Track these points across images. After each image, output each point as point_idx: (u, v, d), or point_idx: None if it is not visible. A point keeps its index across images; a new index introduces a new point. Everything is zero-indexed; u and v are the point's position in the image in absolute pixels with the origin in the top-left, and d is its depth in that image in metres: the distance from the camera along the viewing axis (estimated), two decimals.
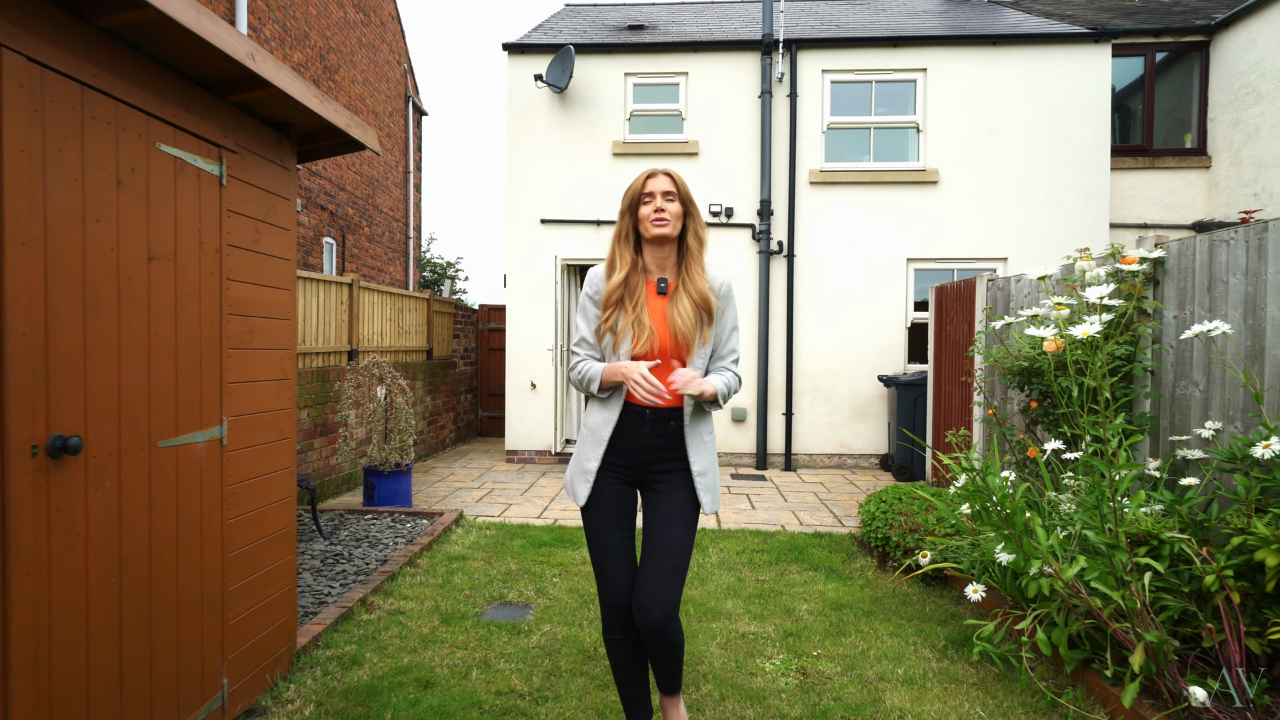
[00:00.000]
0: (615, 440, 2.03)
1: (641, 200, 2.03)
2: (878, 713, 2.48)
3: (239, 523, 2.43)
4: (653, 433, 2.01)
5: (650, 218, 2.00)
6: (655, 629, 1.93)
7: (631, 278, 2.04)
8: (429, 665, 2.81)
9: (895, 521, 4.10)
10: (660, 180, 2.03)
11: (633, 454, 2.02)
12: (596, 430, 2.04)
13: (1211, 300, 3.28)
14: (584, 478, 2.04)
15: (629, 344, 1.98)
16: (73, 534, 1.73)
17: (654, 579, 1.94)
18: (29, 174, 1.60)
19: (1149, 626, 2.36)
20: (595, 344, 2.07)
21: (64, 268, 1.70)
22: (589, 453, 2.04)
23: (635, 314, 1.99)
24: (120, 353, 1.88)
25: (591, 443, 2.04)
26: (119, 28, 1.84)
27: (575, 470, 2.08)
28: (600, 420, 2.04)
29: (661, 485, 2.04)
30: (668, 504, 2.02)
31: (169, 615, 2.08)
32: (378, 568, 3.92)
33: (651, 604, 1.92)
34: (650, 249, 2.07)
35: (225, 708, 2.34)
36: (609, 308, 2.03)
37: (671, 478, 2.03)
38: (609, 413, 2.02)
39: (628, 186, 2.08)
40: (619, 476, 2.05)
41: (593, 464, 2.02)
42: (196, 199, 2.18)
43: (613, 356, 2.02)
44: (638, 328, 1.98)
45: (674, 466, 2.03)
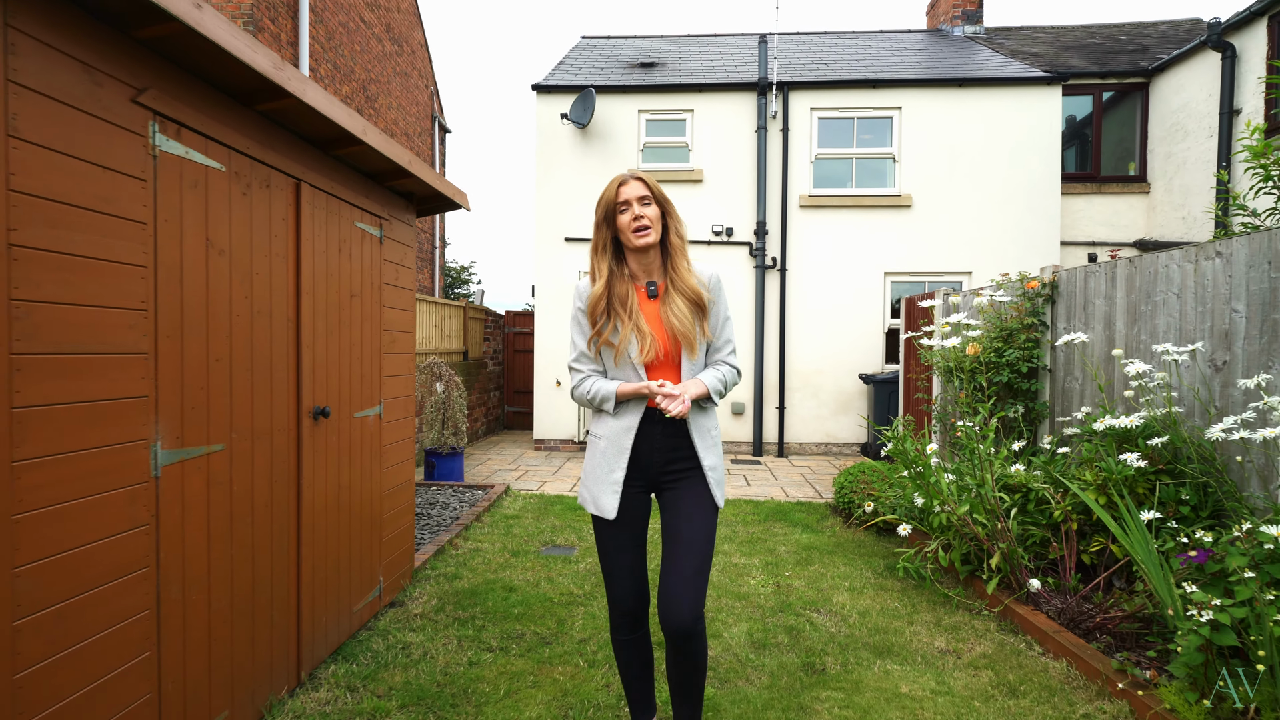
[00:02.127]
0: (636, 447, 2.00)
1: (617, 209, 1.99)
2: (826, 604, 3.59)
3: (388, 470, 3.56)
4: (664, 434, 2.00)
5: (632, 228, 1.96)
6: (683, 627, 1.88)
7: (619, 286, 2.02)
8: (509, 579, 3.93)
9: (858, 488, 5.21)
10: (633, 186, 1.99)
11: (647, 458, 2.01)
12: (616, 439, 2.00)
13: (1086, 316, 4.38)
14: (611, 489, 1.98)
15: (635, 352, 1.96)
16: (325, 464, 2.86)
17: (679, 576, 1.90)
18: (309, 253, 2.73)
19: (1007, 541, 3.47)
20: (594, 357, 2.04)
21: (321, 306, 2.83)
22: (611, 462, 2.00)
23: (633, 322, 1.97)
24: (340, 358, 3.01)
25: (613, 452, 2.00)
26: (344, 155, 2.97)
27: (597, 481, 2.03)
28: (620, 429, 2.00)
29: (678, 484, 2.02)
30: (687, 502, 1.99)
31: (358, 525, 3.20)
32: (453, 522, 5.05)
33: (679, 600, 1.88)
34: (634, 256, 2.03)
35: (381, 596, 3.47)
36: (597, 319, 2.00)
37: (686, 476, 2.02)
38: (628, 420, 1.99)
39: (599, 196, 2.03)
40: (637, 484, 2.03)
41: (619, 473, 1.98)
42: (369, 254, 3.31)
43: (615, 369, 2.01)
44: (639, 336, 1.96)
45: (687, 465, 2.02)
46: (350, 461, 3.12)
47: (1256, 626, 2.22)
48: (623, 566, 2.01)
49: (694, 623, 1.89)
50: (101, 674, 1.75)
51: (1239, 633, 2.30)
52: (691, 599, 1.88)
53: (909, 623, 3.34)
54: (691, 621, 1.88)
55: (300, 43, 8.72)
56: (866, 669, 2.86)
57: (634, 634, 2.06)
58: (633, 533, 2.03)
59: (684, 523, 1.96)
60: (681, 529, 1.95)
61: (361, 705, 2.53)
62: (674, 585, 1.89)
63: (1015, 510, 3.66)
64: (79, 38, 1.66)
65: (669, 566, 1.93)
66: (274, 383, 2.51)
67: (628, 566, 2.02)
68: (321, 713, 2.48)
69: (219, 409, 2.20)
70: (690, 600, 1.88)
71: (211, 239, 2.15)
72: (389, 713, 2.49)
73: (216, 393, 2.18)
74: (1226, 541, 2.55)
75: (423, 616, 3.38)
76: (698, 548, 1.93)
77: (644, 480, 2.03)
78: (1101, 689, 2.65)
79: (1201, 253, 3.50)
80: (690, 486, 2.01)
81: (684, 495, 2.00)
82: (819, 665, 2.89)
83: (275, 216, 2.51)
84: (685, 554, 1.91)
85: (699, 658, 1.97)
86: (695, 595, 1.89)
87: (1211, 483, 3.15)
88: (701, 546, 1.93)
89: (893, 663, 2.92)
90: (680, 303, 1.98)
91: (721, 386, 2.03)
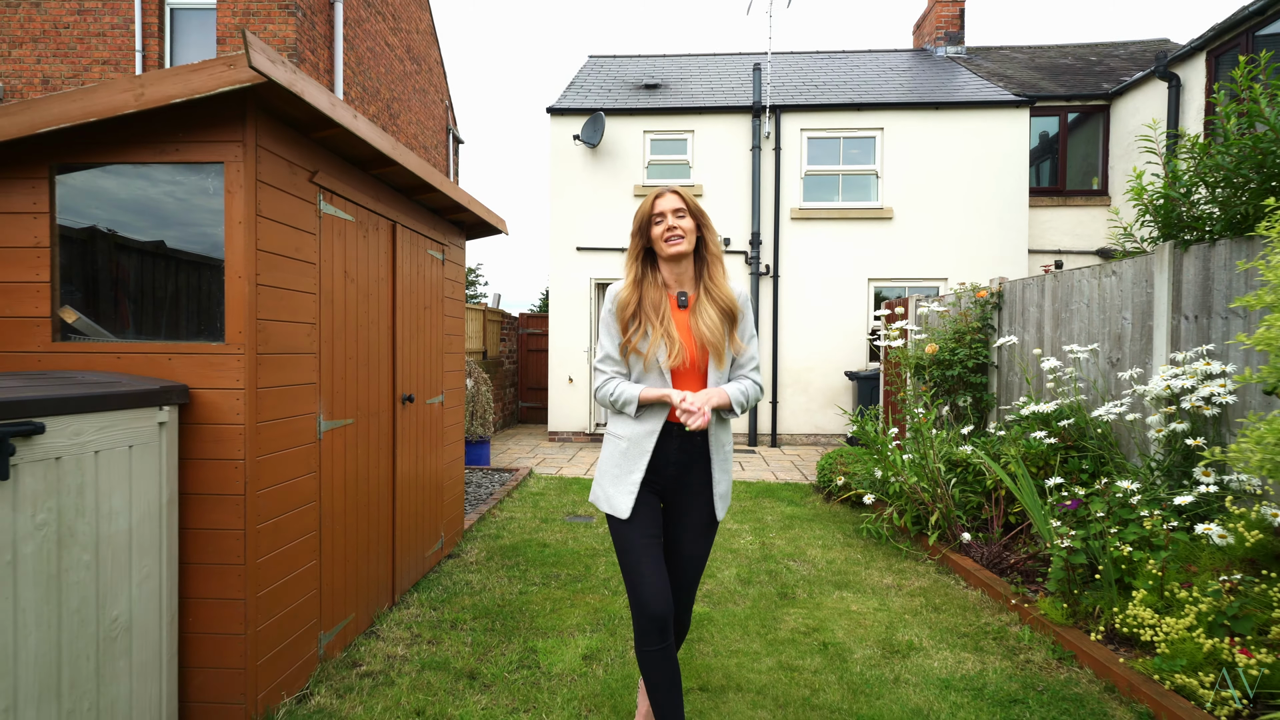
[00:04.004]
0: (656, 451, 2.03)
1: (652, 221, 2.04)
2: (801, 556, 4.43)
3: (446, 448, 4.40)
4: (681, 445, 2.04)
5: (664, 237, 2.01)
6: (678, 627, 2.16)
7: (651, 293, 2.05)
8: (541, 538, 4.77)
9: (835, 468, 6.04)
10: (669, 199, 2.04)
11: (664, 467, 2.04)
12: (638, 441, 2.02)
13: (1024, 321, 5.22)
14: (628, 489, 2.01)
15: (664, 357, 1.98)
16: (409, 439, 3.70)
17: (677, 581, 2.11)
18: (401, 275, 3.57)
19: (945, 503, 4.31)
20: (620, 360, 2.06)
21: (406, 317, 3.67)
22: (631, 464, 2.01)
23: (664, 328, 2.00)
24: (417, 357, 3.85)
25: (634, 454, 2.02)
26: (421, 199, 3.81)
27: (614, 481, 2.05)
28: (643, 431, 2.02)
29: (687, 498, 2.07)
30: (694, 519, 2.09)
31: (427, 489, 4.05)
32: (488, 497, 5.89)
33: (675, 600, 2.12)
34: (667, 265, 2.07)
35: (442, 549, 4.31)
36: (628, 324, 2.03)
37: (698, 495, 2.08)
38: (650, 424, 2.01)
39: (637, 208, 2.09)
40: (652, 488, 2.05)
41: (638, 475, 2.00)
42: (435, 274, 4.15)
43: (642, 374, 2.03)
44: (669, 341, 1.98)
45: (699, 476, 2.07)
46: (423, 438, 3.97)
47: (1102, 552, 3.06)
48: (646, 567, 1.97)
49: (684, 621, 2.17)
50: (293, 570, 2.59)
51: (1091, 556, 3.14)
52: (685, 604, 2.14)
53: (865, 567, 4.18)
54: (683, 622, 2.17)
55: (335, 70, 9.56)
56: (826, 596, 3.71)
57: (662, 643, 1.96)
58: (653, 533, 2.02)
59: (688, 538, 2.09)
60: (685, 545, 2.09)
61: (444, 617, 3.37)
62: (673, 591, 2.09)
63: (955, 480, 4.50)
64: (285, 143, 2.50)
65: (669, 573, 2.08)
66: (380, 375, 3.35)
67: (651, 567, 1.97)
68: (416, 621, 3.33)
69: (350, 393, 3.04)
70: (684, 605, 2.14)
71: (346, 271, 2.99)
72: (465, 622, 3.33)
73: (349, 382, 3.03)
74: (1093, 493, 3.39)
75: (476, 563, 4.23)
76: (697, 562, 2.11)
77: (658, 486, 2.06)
78: (1002, 606, 3.49)
79: (1103, 271, 4.34)
80: (696, 501, 2.08)
81: (691, 512, 2.08)
82: (790, 594, 3.74)
83: (380, 250, 3.36)
84: (687, 566, 2.10)
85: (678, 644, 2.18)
86: (688, 599, 2.14)
87: (1105, 454, 3.98)
88: (700, 561, 2.11)
89: (848, 593, 3.76)
90: (712, 313, 2.02)
91: (744, 399, 2.04)
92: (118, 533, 2.01)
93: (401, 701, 2.57)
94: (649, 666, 1.98)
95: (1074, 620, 3.12)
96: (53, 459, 1.79)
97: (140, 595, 2.09)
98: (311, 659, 2.73)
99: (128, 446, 2.03)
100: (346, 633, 3.02)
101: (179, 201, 2.36)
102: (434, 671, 2.81)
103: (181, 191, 2.35)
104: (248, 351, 2.30)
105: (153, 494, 2.14)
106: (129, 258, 2.42)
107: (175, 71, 2.12)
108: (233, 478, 2.30)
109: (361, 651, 2.99)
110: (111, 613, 1.99)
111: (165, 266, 2.41)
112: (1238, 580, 2.67)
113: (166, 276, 2.41)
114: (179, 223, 2.37)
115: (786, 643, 3.12)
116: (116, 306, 2.42)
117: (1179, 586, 2.78)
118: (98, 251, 2.40)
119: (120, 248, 2.41)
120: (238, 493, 2.31)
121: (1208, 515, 3.12)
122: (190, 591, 2.31)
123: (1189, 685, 2.45)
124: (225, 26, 8.69)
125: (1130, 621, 2.81)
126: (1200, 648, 2.52)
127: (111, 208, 2.38)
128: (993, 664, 2.90)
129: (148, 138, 2.30)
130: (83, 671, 1.89)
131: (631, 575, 1.99)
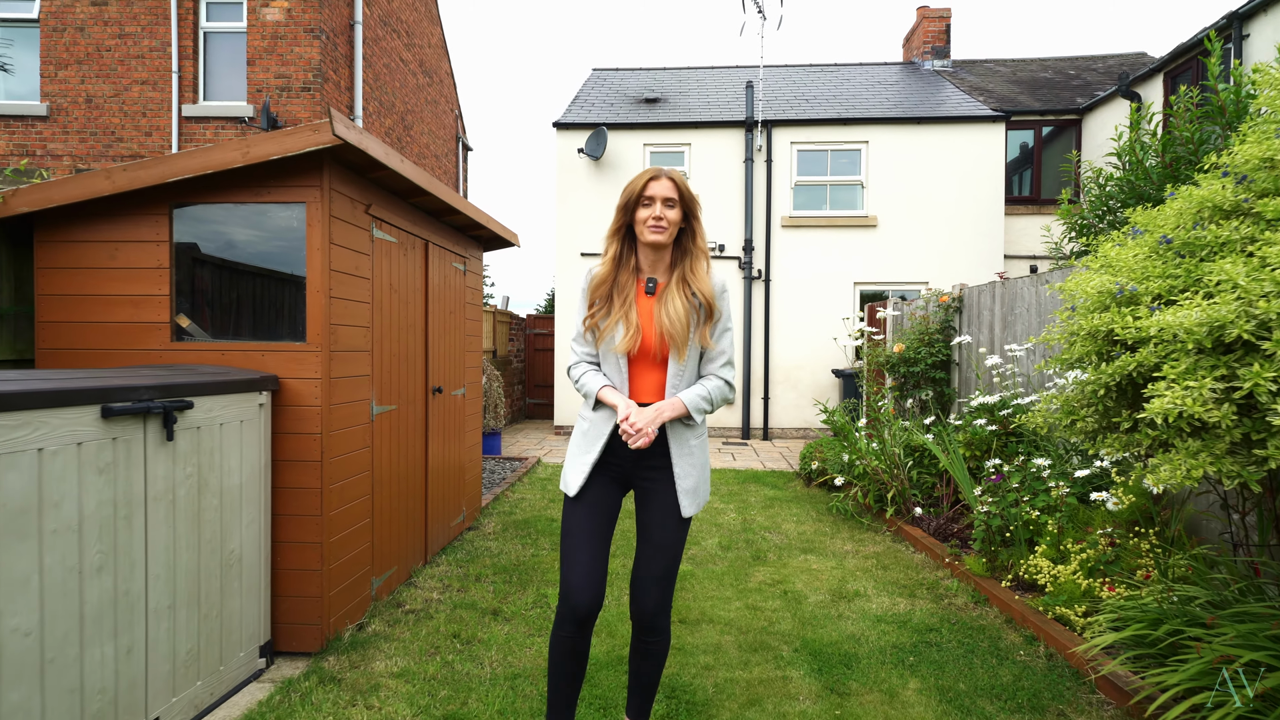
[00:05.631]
0: (613, 437, 2.01)
1: (641, 202, 1.98)
2: (776, 529, 5.06)
3: (467, 434, 5.05)
4: None
5: (647, 223, 1.96)
6: (646, 618, 2.00)
7: (621, 275, 2.03)
8: (550, 515, 5.42)
9: (815, 456, 6.68)
10: (662, 184, 1.97)
11: (621, 452, 2.02)
12: (598, 424, 2.02)
13: (980, 323, 5.85)
14: (579, 469, 2.01)
15: (620, 338, 1.96)
16: (438, 424, 4.36)
17: (648, 575, 1.99)
18: (432, 285, 4.23)
19: (900, 482, 4.95)
20: (585, 339, 2.07)
21: (436, 321, 4.32)
22: (589, 444, 2.02)
23: (624, 311, 1.98)
24: (444, 355, 4.50)
25: (593, 435, 2.02)
26: (448, 219, 4.46)
27: (571, 459, 2.06)
28: (604, 414, 2.01)
29: (653, 487, 2.03)
30: (659, 508, 2.02)
31: (452, 468, 4.70)
32: (500, 482, 6.55)
33: (646, 595, 1.98)
34: (644, 249, 2.03)
35: (464, 521, 4.96)
36: (595, 301, 2.03)
37: (660, 480, 2.02)
38: (607, 411, 2.01)
39: (628, 184, 2.02)
40: (610, 474, 2.04)
41: (591, 455, 2.00)
42: (458, 283, 4.80)
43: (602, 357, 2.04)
44: (625, 324, 1.96)
45: (660, 465, 2.02)
46: (449, 424, 4.62)
47: (1015, 517, 3.69)
48: (579, 552, 1.97)
49: (656, 616, 2.00)
50: (353, 524, 3.25)
51: (1007, 520, 3.77)
52: (657, 596, 1.99)
53: (830, 537, 4.82)
54: (654, 614, 2.00)
55: (355, 87, 10.23)
56: (793, 558, 4.34)
57: (575, 632, 1.97)
58: (595, 522, 2.00)
59: (656, 529, 2.01)
60: (654, 534, 2.01)
61: (469, 573, 4.02)
62: (643, 581, 2.00)
63: (913, 464, 5.14)
64: (349, 184, 3.15)
65: (639, 562, 2.02)
66: (415, 369, 4.00)
67: (585, 556, 1.97)
68: (446, 575, 3.98)
69: (393, 384, 3.69)
70: (655, 592, 1.99)
71: (391, 284, 3.65)
72: (487, 576, 3.98)
73: (393, 374, 3.68)
74: (1014, 469, 4.03)
75: (493, 534, 4.88)
76: (666, 552, 2.00)
77: (617, 471, 2.04)
78: (939, 565, 4.12)
79: (1039, 279, 4.97)
80: (662, 494, 2.01)
81: (656, 500, 2.02)
82: (762, 557, 4.38)
83: (416, 265, 4.01)
84: (655, 556, 2.00)
85: (657, 656, 2.07)
86: (660, 594, 2.00)
87: (1034, 438, 4.61)
88: (669, 551, 2.00)
89: (811, 556, 4.40)
90: (679, 303, 1.95)
91: (705, 405, 2.00)
92: (233, 486, 2.66)
93: (440, 629, 3.22)
94: (556, 650, 1.99)
95: (992, 573, 3.75)
96: (195, 428, 2.45)
97: (247, 536, 2.75)
98: (366, 598, 3.39)
99: (240, 421, 2.69)
100: (391, 581, 3.68)
101: (269, 231, 3.01)
102: (465, 610, 3.46)
103: (271, 224, 3.01)
104: (324, 349, 2.95)
105: (255, 458, 2.79)
106: (229, 275, 3.08)
107: (273, 136, 2.77)
108: (312, 448, 2.96)
109: (403, 596, 3.64)
110: (229, 546, 2.64)
111: (257, 282, 3.07)
112: (1115, 535, 3.30)
113: (258, 290, 3.07)
114: (268, 248, 3.02)
115: (754, 591, 3.76)
116: (219, 313, 3.08)
117: (1072, 542, 3.41)
118: (205, 270, 3.06)
119: (223, 267, 3.07)
120: (316, 459, 2.96)
121: (1106, 486, 3.75)
122: (279, 536, 2.97)
123: (1066, 614, 3.09)
124: (254, 49, 9.36)
125: (1031, 570, 3.45)
126: (1079, 587, 3.15)
127: (216, 236, 3.04)
128: (921, 606, 3.54)
129: (247, 183, 2.95)
130: (212, 588, 2.55)
131: (566, 558, 2.00)
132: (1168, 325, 1.59)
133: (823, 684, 2.72)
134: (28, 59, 9.55)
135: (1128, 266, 2.02)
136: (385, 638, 3.13)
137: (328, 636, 3.01)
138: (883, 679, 2.76)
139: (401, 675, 2.77)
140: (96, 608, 2.04)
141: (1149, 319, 1.70)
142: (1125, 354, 1.83)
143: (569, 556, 1.99)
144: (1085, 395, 2.13)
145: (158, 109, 9.42)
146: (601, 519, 2.01)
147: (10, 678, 1.78)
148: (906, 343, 6.19)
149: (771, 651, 3.02)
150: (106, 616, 2.08)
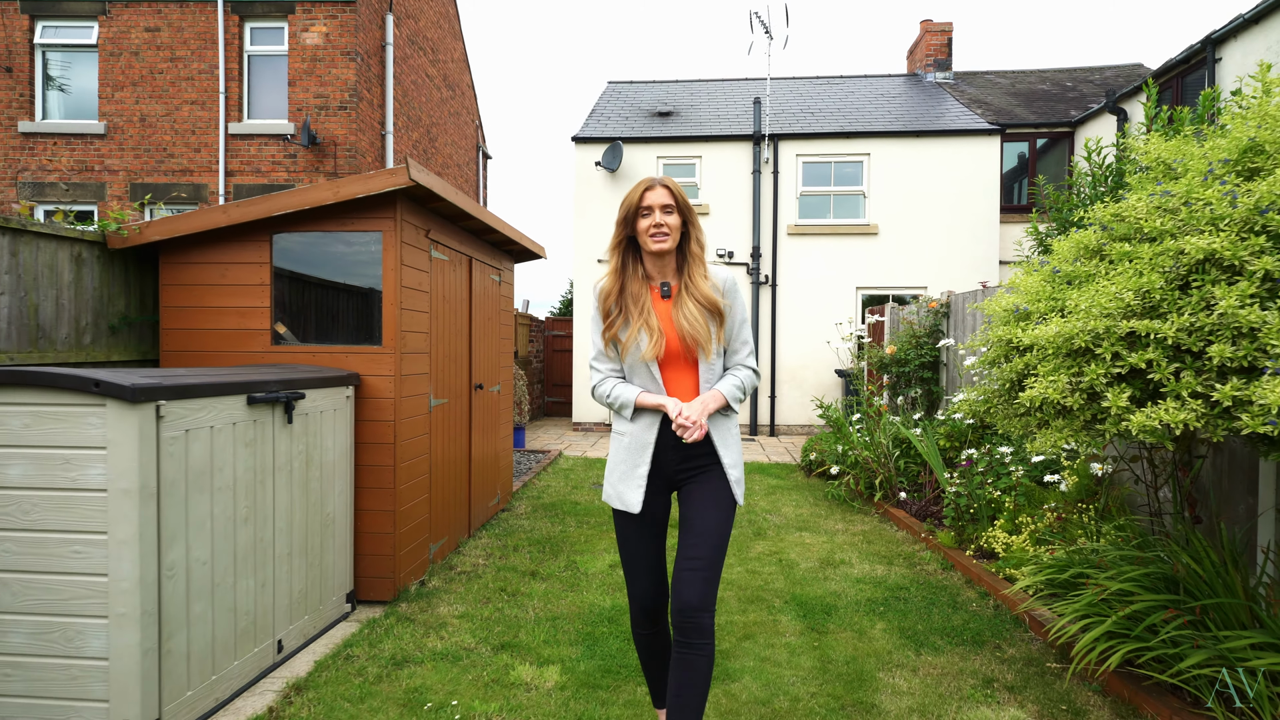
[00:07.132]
0: (659, 442, 2.02)
1: (640, 213, 2.01)
2: (776, 512, 5.66)
3: (501, 426, 5.69)
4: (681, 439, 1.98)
5: (649, 232, 1.98)
6: (690, 611, 1.90)
7: (632, 284, 2.05)
8: (574, 499, 6.04)
9: (815, 449, 7.26)
10: (659, 193, 1.99)
11: (664, 455, 2.03)
12: (639, 435, 2.03)
13: (963, 327, 6.41)
14: (636, 484, 2.01)
15: (646, 344, 1.98)
16: (478, 416, 5.00)
17: (690, 565, 1.93)
18: (474, 295, 4.87)
19: (886, 470, 5.53)
20: (609, 355, 2.08)
21: (478, 326, 4.96)
22: (636, 456, 2.02)
23: (643, 318, 2.00)
24: (484, 355, 5.14)
25: (637, 448, 2.03)
26: (487, 237, 5.10)
27: (622, 478, 2.05)
28: (644, 424, 2.02)
29: (696, 478, 2.03)
30: (705, 496, 2.00)
31: (489, 456, 5.34)
32: (526, 472, 7.19)
33: (689, 582, 1.91)
34: (650, 258, 2.06)
35: (499, 503, 5.60)
36: (608, 314, 2.05)
37: (705, 471, 2.03)
38: (650, 417, 2.02)
39: (624, 197, 2.04)
40: (657, 483, 2.05)
41: (644, 468, 2.01)
42: (494, 292, 5.44)
43: (630, 368, 2.05)
44: (648, 330, 1.98)
45: (706, 462, 2.03)
46: (487, 417, 5.26)
47: (979, 496, 4.27)
48: (643, 563, 2.05)
49: (700, 613, 1.89)
50: (416, 498, 3.88)
51: (973, 499, 4.35)
52: (701, 588, 1.89)
53: (825, 518, 5.41)
54: (698, 609, 1.89)
55: (387, 104, 10.92)
56: (789, 535, 4.94)
57: (654, 628, 2.12)
58: (654, 531, 2.05)
59: (698, 516, 1.97)
60: (695, 521, 1.97)
61: (508, 544, 4.66)
62: (687, 571, 1.92)
63: (900, 454, 5.72)
64: (414, 213, 3.79)
65: (682, 554, 1.95)
66: (461, 368, 4.64)
67: (648, 564, 2.05)
68: (488, 546, 4.61)
69: (446, 380, 4.33)
70: (699, 589, 1.89)
71: (444, 295, 4.29)
72: (523, 547, 4.61)
73: (445, 372, 4.32)
74: (982, 455, 4.61)
75: (525, 514, 5.51)
76: (710, 540, 1.94)
77: (662, 478, 2.05)
78: (916, 539, 4.71)
79: None
80: (708, 481, 2.01)
81: (702, 489, 2.01)
82: (762, 534, 4.98)
83: (461, 278, 4.65)
84: (699, 544, 1.94)
85: (701, 667, 1.89)
86: (705, 584, 1.90)
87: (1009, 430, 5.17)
88: (714, 538, 1.95)
89: (806, 533, 4.99)
90: (692, 307, 1.99)
91: (740, 394, 2.04)
92: (329, 462, 3.30)
93: (489, 585, 3.85)
94: (643, 645, 2.17)
95: (959, 544, 4.34)
96: (305, 414, 3.09)
97: (339, 502, 3.39)
98: (425, 561, 4.03)
99: (333, 409, 3.33)
100: (444, 549, 4.32)
101: (350, 254, 3.66)
102: (507, 572, 4.09)
103: (352, 248, 3.65)
104: (395, 351, 3.59)
105: (344, 440, 3.44)
106: (318, 290, 3.73)
107: (356, 179, 3.41)
108: (386, 432, 3.60)
109: (454, 561, 4.28)
110: (327, 509, 3.29)
111: (341, 295, 3.72)
112: (1063, 510, 3.88)
113: (341, 302, 3.72)
114: (350, 268, 3.67)
115: (753, 559, 4.37)
116: (309, 321, 3.73)
117: (1026, 517, 3.99)
118: (297, 286, 3.71)
119: (311, 283, 3.72)
120: (389, 441, 3.60)
121: (1059, 470, 4.32)
122: (360, 505, 3.61)
123: (1013, 574, 3.67)
124: (295, 71, 10.06)
125: (991, 541, 4.03)
126: (1027, 553, 3.73)
127: (308, 257, 3.69)
128: (896, 571, 4.13)
129: (334, 215, 3.60)
130: (314, 543, 3.19)
131: (630, 569, 2.08)
132: (1038, 337, 2.18)
133: (806, 625, 3.33)
134: (87, 81, 10.31)
135: (1029, 290, 2.62)
136: (444, 591, 3.77)
137: (398, 588, 3.65)
138: (855, 622, 3.36)
139: (463, 617, 3.40)
140: (244, 549, 2.69)
141: (1032, 331, 2.29)
142: (1018, 357, 2.42)
143: (633, 569, 2.07)
144: (996, 389, 2.73)
145: (206, 127, 10.15)
146: (659, 529, 2.08)
147: (195, 593, 2.43)
148: (898, 345, 6.76)
149: (765, 603, 3.62)
150: (249, 557, 2.73)
